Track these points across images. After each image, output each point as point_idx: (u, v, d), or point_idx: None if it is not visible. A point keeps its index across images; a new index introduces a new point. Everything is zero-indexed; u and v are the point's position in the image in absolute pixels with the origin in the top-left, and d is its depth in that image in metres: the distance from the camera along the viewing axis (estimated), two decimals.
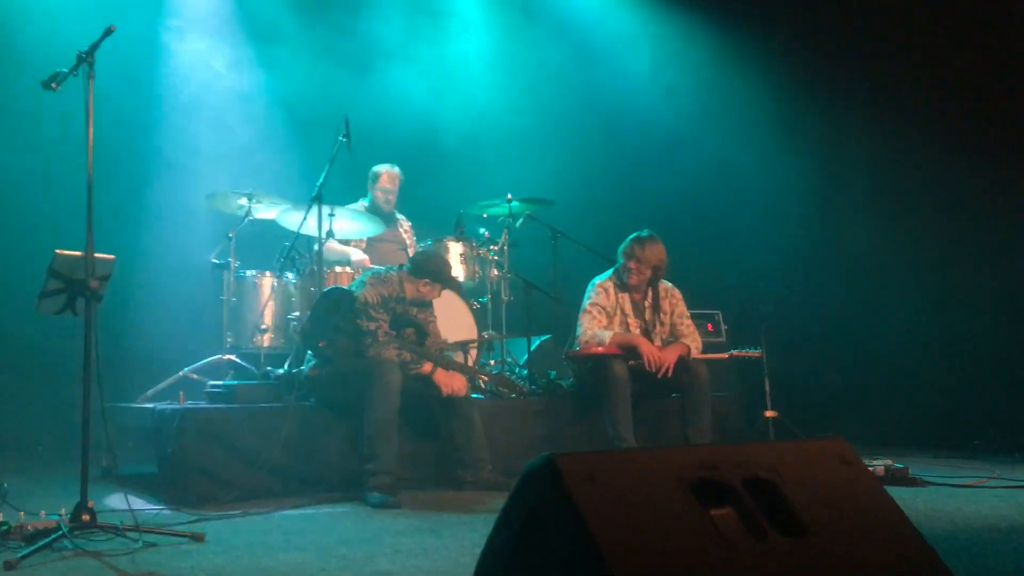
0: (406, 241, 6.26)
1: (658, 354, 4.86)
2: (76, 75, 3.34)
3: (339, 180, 5.53)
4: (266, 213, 5.68)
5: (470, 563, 2.14)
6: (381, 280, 4.64)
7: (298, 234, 5.16)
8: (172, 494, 4.11)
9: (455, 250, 5.88)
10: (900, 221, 7.03)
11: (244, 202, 5.59)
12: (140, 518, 3.28)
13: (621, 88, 7.93)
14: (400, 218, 6.35)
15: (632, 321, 5.12)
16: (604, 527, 1.75)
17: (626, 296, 5.14)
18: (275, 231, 5.70)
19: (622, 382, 4.81)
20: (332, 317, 4.46)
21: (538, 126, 7.79)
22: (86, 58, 3.34)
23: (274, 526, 3.56)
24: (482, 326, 5.92)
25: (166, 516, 3.74)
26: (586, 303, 5.12)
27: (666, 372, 4.83)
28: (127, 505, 3.27)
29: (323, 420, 4.53)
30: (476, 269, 5.97)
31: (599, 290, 5.12)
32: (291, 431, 4.34)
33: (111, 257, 3.38)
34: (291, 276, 5.58)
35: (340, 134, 4.95)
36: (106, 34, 3.37)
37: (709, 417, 4.88)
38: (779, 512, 1.97)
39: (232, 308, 5.53)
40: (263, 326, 5.50)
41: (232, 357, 5.46)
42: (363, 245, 6.06)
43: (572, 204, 6.86)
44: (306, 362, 4.67)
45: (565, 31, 8.16)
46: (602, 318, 5.06)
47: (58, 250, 3.32)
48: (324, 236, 5.15)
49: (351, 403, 4.38)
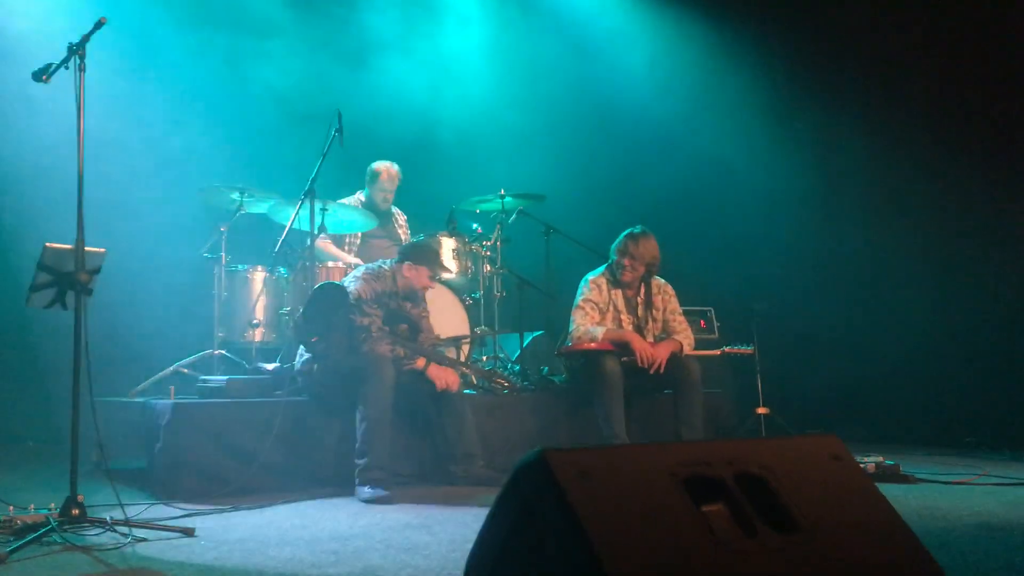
0: (401, 237, 6.24)
1: (651, 350, 4.86)
2: (67, 67, 3.32)
3: (332, 174, 5.52)
4: (258, 207, 5.66)
5: (461, 558, 2.14)
6: (374, 275, 4.64)
7: (290, 228, 5.15)
8: (163, 489, 4.09)
9: (448, 245, 5.87)
10: (894, 218, 7.04)
11: (236, 196, 5.57)
12: (130, 513, 3.28)
13: (615, 84, 7.92)
14: (396, 213, 6.33)
15: (625, 317, 5.13)
16: (596, 523, 1.75)
17: (619, 292, 5.14)
18: (267, 225, 5.68)
19: (615, 378, 4.81)
20: (325, 312, 4.44)
21: (531, 122, 7.78)
22: (77, 51, 3.32)
23: (266, 521, 3.55)
24: (475, 322, 5.91)
25: (156, 511, 3.72)
26: (579, 299, 5.12)
27: (658, 368, 4.84)
28: (117, 499, 3.25)
29: (315, 415, 4.52)
30: (469, 265, 5.96)
31: (592, 286, 5.12)
32: (283, 426, 4.33)
33: (102, 250, 3.36)
34: (283, 271, 5.57)
35: (333, 128, 4.93)
36: (97, 26, 3.35)
37: (701, 413, 4.88)
38: (770, 508, 1.97)
39: (224, 303, 5.51)
40: (255, 321, 5.49)
41: (223, 352, 5.44)
42: (357, 241, 6.04)
43: (565, 200, 6.85)
44: (298, 357, 4.66)
45: (558, 27, 8.14)
46: (595, 314, 5.06)
47: (48, 243, 3.30)
48: (316, 231, 5.13)
49: (344, 398, 4.38)
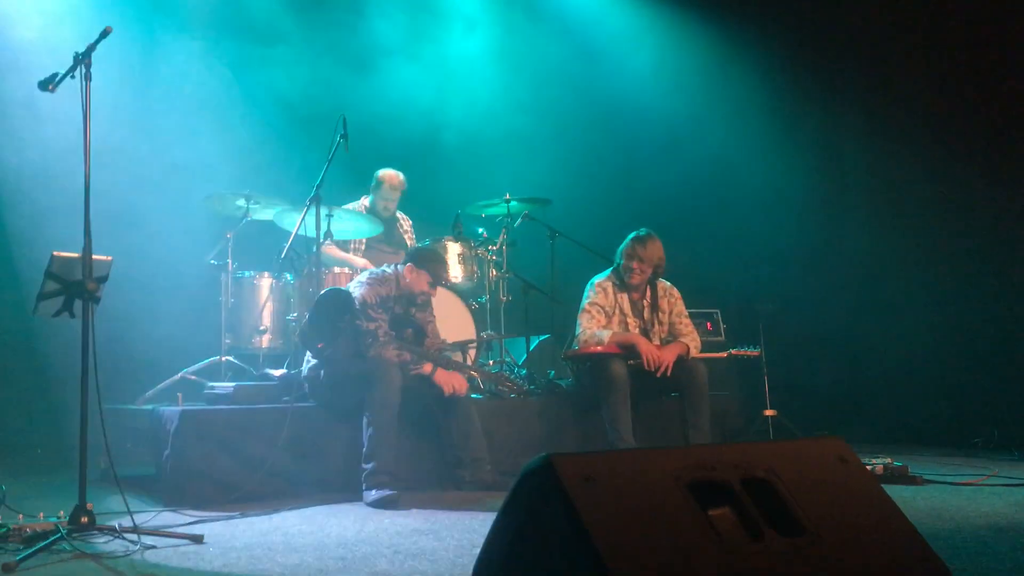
0: (406, 241, 6.25)
1: (657, 353, 4.86)
2: (73, 77, 3.34)
3: (337, 180, 5.53)
4: (264, 214, 5.67)
5: (469, 563, 2.14)
6: (379, 280, 4.64)
7: (296, 234, 5.16)
8: (171, 496, 4.10)
9: (453, 250, 5.87)
10: (900, 220, 7.03)
11: (242, 203, 5.58)
12: (139, 520, 3.28)
13: (619, 87, 7.91)
14: (401, 218, 6.33)
15: (631, 320, 5.12)
16: (602, 527, 1.75)
17: (625, 295, 5.14)
18: (273, 232, 5.70)
19: (621, 381, 4.80)
20: (331, 318, 4.45)
21: (536, 126, 7.78)
22: (83, 60, 3.33)
23: (273, 527, 3.56)
24: (481, 326, 5.91)
25: (165, 518, 3.73)
26: (585, 302, 5.12)
27: (665, 371, 4.83)
28: (126, 507, 3.26)
29: (322, 421, 4.53)
30: (474, 269, 5.96)
31: (598, 289, 5.12)
32: (290, 432, 4.33)
33: (108, 259, 3.37)
34: (289, 277, 5.58)
35: (338, 133, 4.94)
36: (103, 35, 3.36)
37: (708, 416, 4.87)
38: (777, 512, 1.97)
39: (230, 309, 5.53)
40: (262, 327, 5.50)
41: (231, 358, 5.45)
42: (362, 247, 6.05)
43: (570, 204, 6.85)
44: (305, 363, 4.66)
45: (563, 31, 8.14)
46: (601, 317, 5.06)
47: (55, 252, 3.31)
48: (322, 237, 5.14)
49: (350, 404, 4.38)
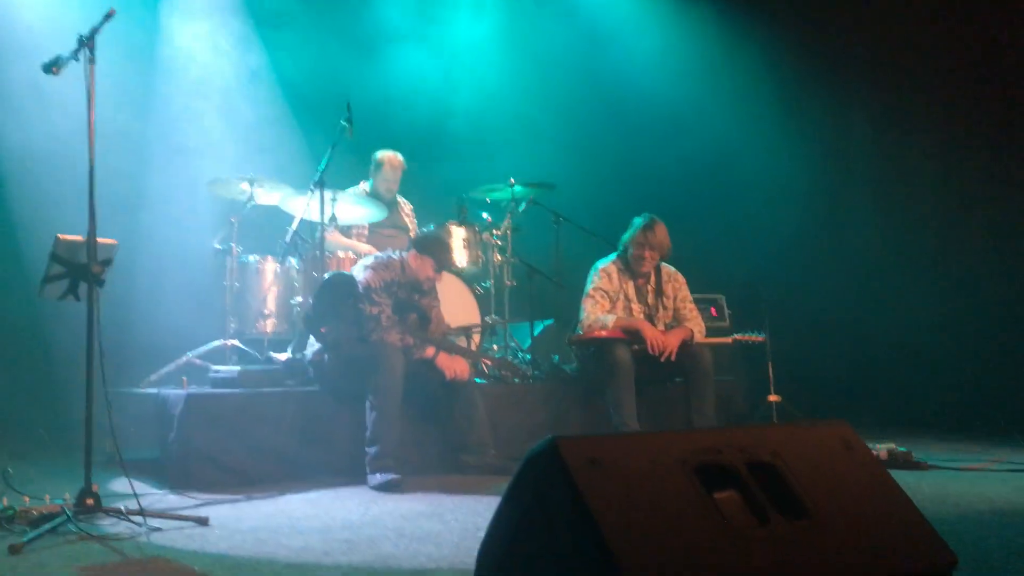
0: (408, 225, 6.25)
1: (661, 338, 4.86)
2: (77, 60, 3.32)
3: (342, 164, 5.51)
4: (268, 198, 5.66)
5: (473, 546, 2.15)
6: (383, 264, 4.64)
7: (300, 219, 5.16)
8: (176, 479, 4.12)
9: (458, 235, 5.86)
10: (904, 204, 7.01)
11: (246, 187, 5.57)
12: (144, 502, 3.30)
13: (624, 71, 7.87)
14: (401, 202, 6.32)
15: (635, 306, 5.12)
16: (607, 510, 1.75)
17: (629, 280, 5.13)
18: (277, 216, 5.69)
19: (626, 366, 4.80)
20: (334, 302, 4.45)
21: (541, 110, 7.75)
22: (87, 42, 3.32)
23: (278, 510, 3.57)
24: (485, 311, 5.91)
25: (170, 501, 3.75)
26: (589, 287, 5.11)
27: (669, 356, 4.83)
28: (131, 490, 3.27)
29: (326, 405, 4.53)
30: (479, 254, 5.96)
31: (602, 274, 5.11)
32: (294, 416, 4.35)
33: (113, 242, 3.37)
34: (294, 261, 5.57)
35: (342, 118, 4.92)
36: (107, 18, 3.35)
37: (713, 401, 4.88)
38: (782, 495, 1.97)
39: (235, 293, 5.53)
40: (266, 311, 5.51)
41: (235, 342, 5.45)
42: (365, 232, 6.05)
43: (575, 188, 6.83)
44: (309, 347, 4.67)
45: (568, 15, 8.10)
46: (605, 302, 5.05)
47: (60, 235, 3.31)
48: (327, 221, 5.13)
49: (354, 388, 4.39)
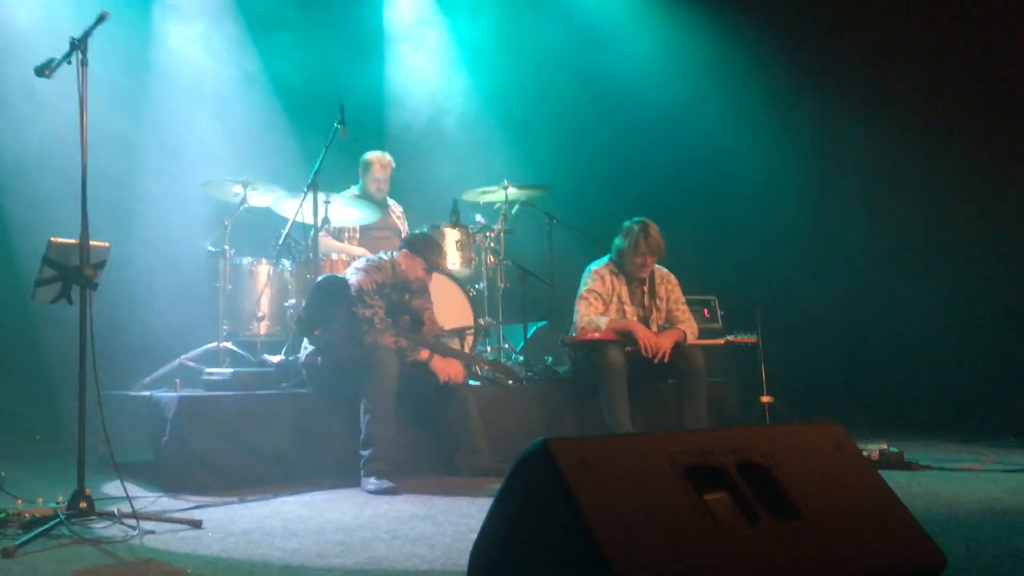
0: (399, 227, 6.25)
1: (654, 340, 4.87)
2: (69, 62, 3.32)
3: (335, 166, 5.52)
4: (261, 200, 5.67)
5: (466, 548, 2.15)
6: (375, 266, 4.64)
7: (293, 221, 5.16)
8: (169, 481, 4.11)
9: (451, 236, 5.87)
10: (895, 204, 7.03)
11: (239, 189, 5.57)
12: (138, 505, 3.29)
13: (616, 73, 7.88)
14: (392, 204, 6.33)
15: (628, 308, 5.13)
16: (598, 512, 1.76)
17: (623, 282, 5.14)
18: (271, 218, 5.69)
19: (618, 368, 4.81)
20: (327, 305, 4.45)
21: (534, 112, 7.76)
22: (79, 45, 3.31)
23: (272, 512, 3.57)
24: (478, 313, 5.91)
25: (164, 503, 3.75)
26: (582, 289, 5.12)
27: (662, 358, 4.84)
28: (124, 492, 3.27)
29: (320, 407, 4.53)
30: (472, 256, 5.97)
31: (595, 276, 5.12)
32: (288, 418, 4.34)
33: (106, 245, 3.37)
34: (287, 263, 5.57)
35: (335, 120, 4.93)
36: (99, 21, 3.34)
37: (705, 403, 4.89)
38: (773, 496, 1.98)
39: (228, 296, 5.53)
40: (259, 314, 5.50)
41: (228, 344, 5.45)
42: (356, 235, 6.05)
43: (568, 190, 6.84)
44: (303, 350, 4.67)
45: (562, 17, 8.11)
46: (598, 304, 5.06)
47: (52, 238, 3.31)
48: (320, 223, 5.14)
49: (348, 390, 4.38)
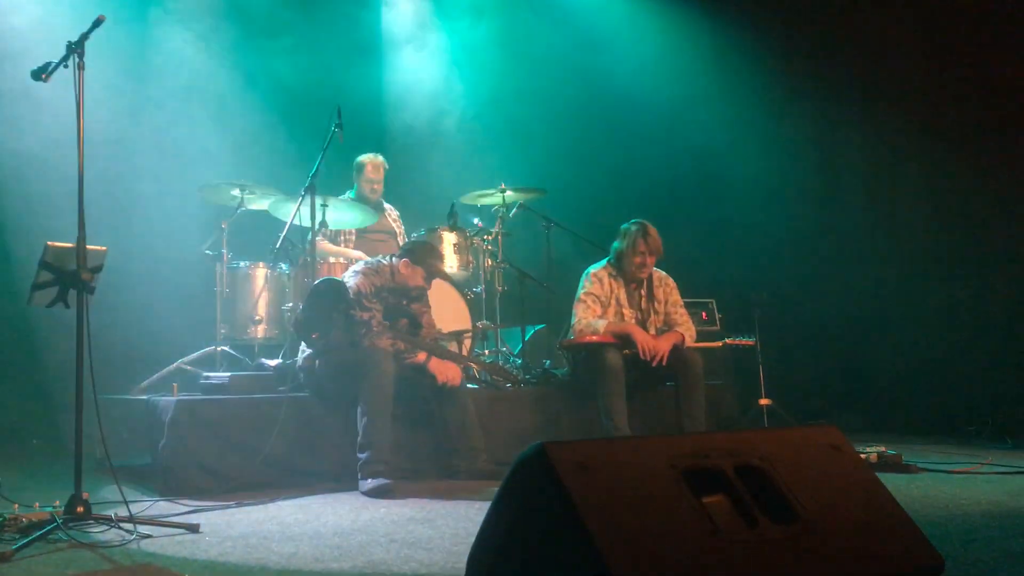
0: (395, 230, 6.25)
1: (652, 343, 4.86)
2: (66, 66, 3.32)
3: (332, 170, 5.52)
4: (259, 204, 5.67)
5: (464, 552, 2.15)
6: (373, 269, 4.64)
7: (290, 225, 5.16)
8: (167, 486, 4.10)
9: (449, 240, 5.87)
10: (894, 207, 7.04)
11: (237, 193, 5.57)
12: (135, 510, 3.29)
13: (615, 76, 7.89)
14: (388, 207, 6.33)
15: (627, 310, 5.13)
16: (596, 515, 1.75)
17: (621, 285, 5.14)
18: (268, 222, 5.69)
19: (616, 371, 4.81)
20: (325, 308, 4.44)
21: (531, 115, 7.77)
22: (76, 49, 3.31)
23: (269, 517, 3.56)
24: (476, 316, 5.91)
25: (161, 507, 3.74)
26: (580, 292, 5.12)
27: (660, 361, 4.84)
28: (122, 497, 3.26)
29: (318, 410, 4.53)
30: (470, 259, 5.97)
31: (593, 279, 5.12)
32: (286, 422, 4.34)
33: (103, 249, 3.36)
34: (284, 267, 5.57)
35: (333, 123, 4.93)
36: (96, 24, 3.34)
37: (703, 406, 4.89)
38: (770, 499, 1.98)
39: (225, 299, 5.52)
40: (257, 317, 5.50)
41: (226, 348, 5.45)
42: (352, 237, 6.05)
43: (565, 193, 6.85)
44: (300, 353, 4.66)
45: (558, 19, 8.12)
46: (597, 307, 5.06)
47: (49, 242, 3.31)
48: (317, 227, 5.13)
49: (345, 393, 4.38)
